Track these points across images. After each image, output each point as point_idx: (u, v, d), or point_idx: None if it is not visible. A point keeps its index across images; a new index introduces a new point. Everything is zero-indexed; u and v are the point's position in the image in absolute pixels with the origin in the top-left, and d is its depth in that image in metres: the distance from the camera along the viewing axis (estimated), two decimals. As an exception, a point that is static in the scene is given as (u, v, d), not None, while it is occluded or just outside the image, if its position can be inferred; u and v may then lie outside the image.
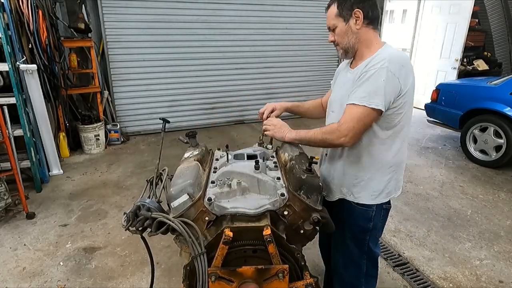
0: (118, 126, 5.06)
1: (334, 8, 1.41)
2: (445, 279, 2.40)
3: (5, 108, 3.24)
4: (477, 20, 7.44)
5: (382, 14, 6.68)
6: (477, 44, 7.53)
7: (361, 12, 1.37)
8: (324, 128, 1.42)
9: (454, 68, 6.54)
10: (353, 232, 1.57)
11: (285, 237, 1.28)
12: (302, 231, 1.32)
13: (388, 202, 1.55)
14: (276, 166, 1.55)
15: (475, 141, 4.51)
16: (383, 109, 1.32)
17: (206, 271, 1.19)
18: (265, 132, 1.64)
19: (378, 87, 1.30)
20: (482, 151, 4.44)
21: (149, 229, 1.26)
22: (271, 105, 1.77)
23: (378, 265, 1.71)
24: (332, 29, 1.45)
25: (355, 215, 1.53)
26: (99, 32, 4.92)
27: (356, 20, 1.39)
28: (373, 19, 1.42)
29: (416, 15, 7.24)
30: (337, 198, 1.56)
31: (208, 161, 1.68)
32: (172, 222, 1.22)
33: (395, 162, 1.48)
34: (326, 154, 1.62)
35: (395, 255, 2.65)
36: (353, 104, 1.33)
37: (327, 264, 1.98)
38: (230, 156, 1.58)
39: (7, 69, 3.24)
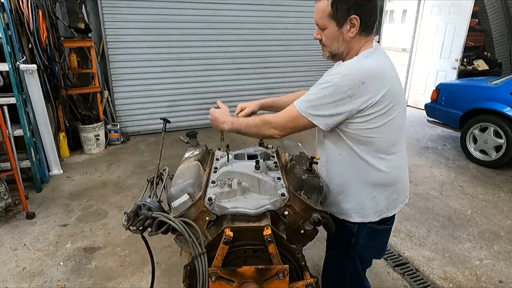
0: (118, 126, 5.06)
1: (327, 6, 1.20)
2: (445, 279, 2.40)
3: (5, 108, 3.23)
4: (477, 20, 7.43)
5: (382, 14, 6.66)
6: (477, 44, 7.52)
7: (358, 20, 1.18)
8: (258, 118, 1.34)
9: (454, 68, 6.54)
10: (335, 240, 1.51)
11: (285, 237, 1.28)
12: (302, 231, 1.32)
13: (380, 223, 1.38)
14: (276, 166, 1.55)
15: (475, 141, 4.51)
16: (315, 123, 1.23)
17: (207, 271, 1.19)
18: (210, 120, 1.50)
19: (318, 99, 1.20)
20: (482, 151, 4.44)
21: (149, 229, 1.26)
22: (241, 105, 1.62)
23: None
24: (320, 28, 1.27)
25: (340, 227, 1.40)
26: (99, 32, 4.92)
27: (350, 27, 1.20)
28: (369, 26, 1.23)
29: (416, 15, 7.24)
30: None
31: (208, 161, 1.68)
32: (173, 222, 1.22)
33: (384, 182, 1.32)
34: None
35: (395, 255, 2.65)
36: (294, 104, 1.25)
37: None
38: (230, 156, 1.58)
39: (7, 69, 3.23)
